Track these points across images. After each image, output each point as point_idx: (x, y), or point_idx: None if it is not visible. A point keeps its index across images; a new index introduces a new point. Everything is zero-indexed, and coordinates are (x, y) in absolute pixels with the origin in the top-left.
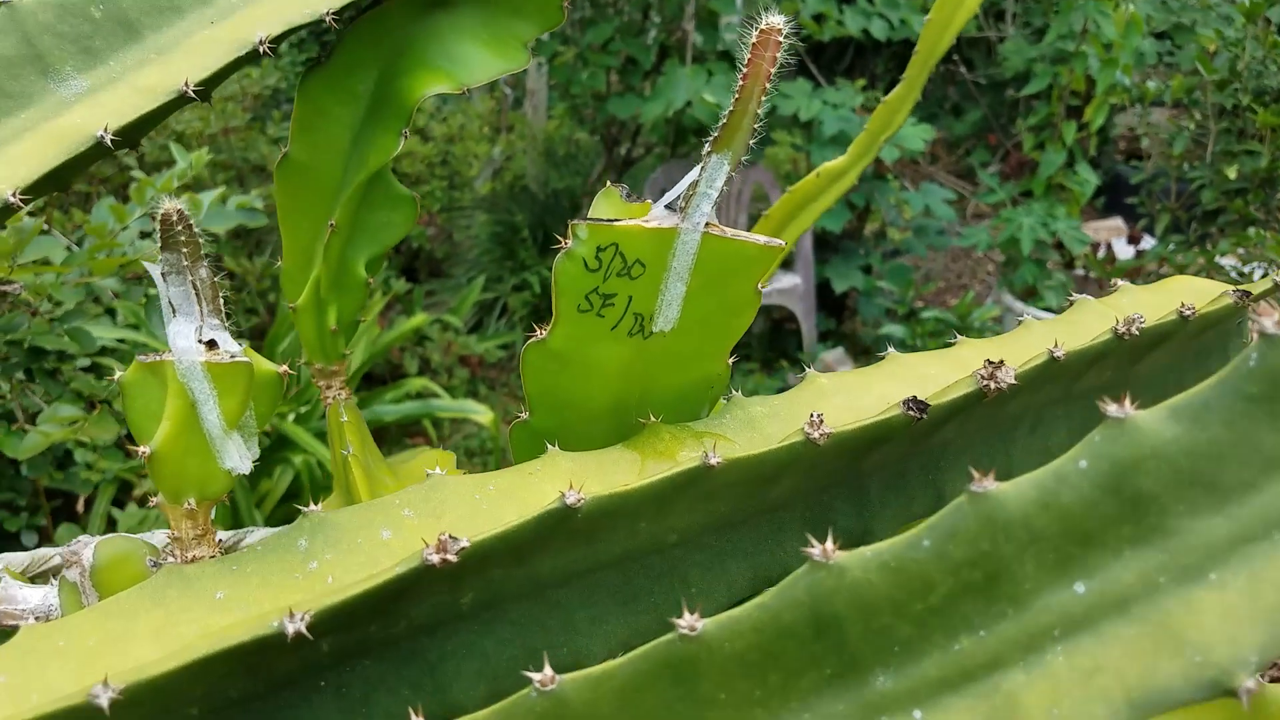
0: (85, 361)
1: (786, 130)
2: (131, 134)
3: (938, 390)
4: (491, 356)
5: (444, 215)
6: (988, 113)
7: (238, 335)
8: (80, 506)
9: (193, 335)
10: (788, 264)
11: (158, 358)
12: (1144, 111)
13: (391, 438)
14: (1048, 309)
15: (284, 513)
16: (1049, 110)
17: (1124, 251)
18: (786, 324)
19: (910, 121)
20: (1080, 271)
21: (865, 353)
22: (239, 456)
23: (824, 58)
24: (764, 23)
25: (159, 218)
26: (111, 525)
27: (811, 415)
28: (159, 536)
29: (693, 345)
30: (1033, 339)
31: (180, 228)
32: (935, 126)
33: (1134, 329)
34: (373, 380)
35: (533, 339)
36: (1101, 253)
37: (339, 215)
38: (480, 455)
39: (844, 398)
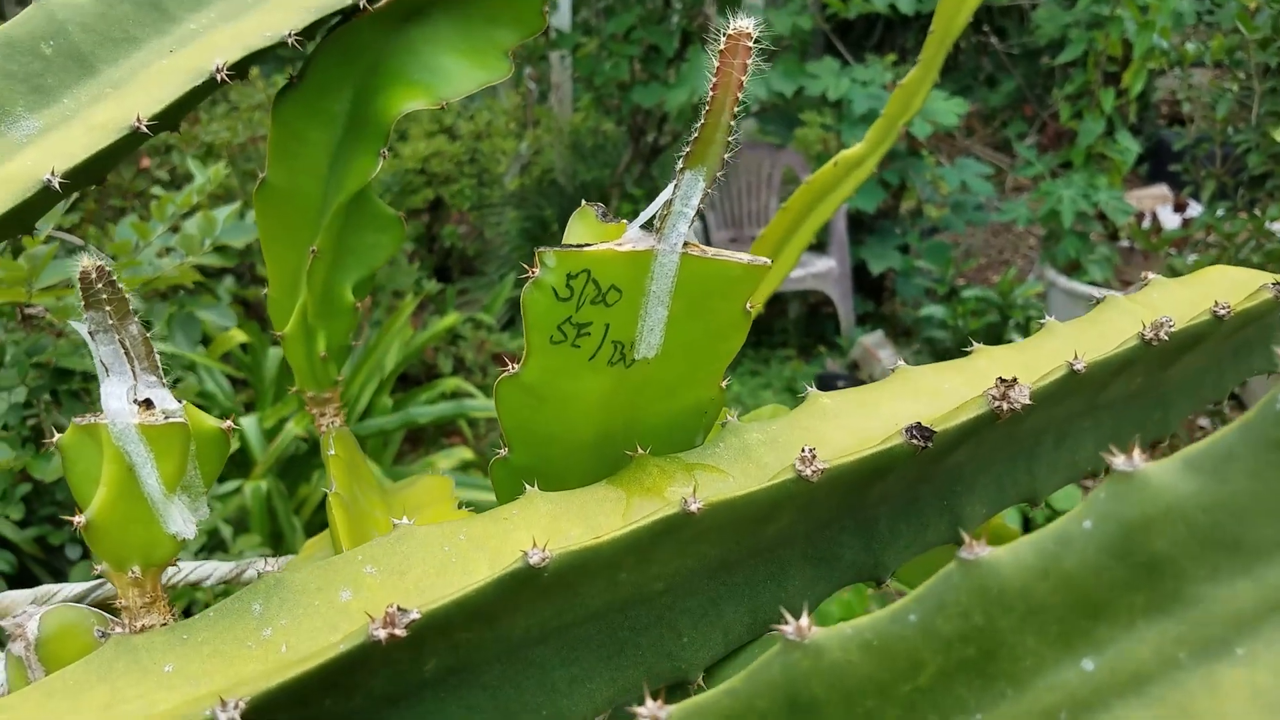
0: None
1: (816, 110)
2: (85, 174)
3: (950, 410)
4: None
5: (474, 213)
6: (1022, 83)
7: (273, 343)
8: None
9: (125, 396)
10: (821, 247)
11: (92, 419)
12: (1184, 74)
13: (429, 438)
14: (1092, 283)
15: (323, 518)
16: (1086, 78)
17: (1170, 220)
18: (823, 308)
19: (943, 95)
20: (1125, 243)
21: (906, 334)
22: (183, 520)
23: (852, 35)
24: (731, 26)
25: (78, 276)
26: None
27: (803, 450)
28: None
29: (680, 371)
30: (1055, 344)
31: (100, 285)
32: (969, 99)
33: (1162, 333)
34: (408, 381)
35: (504, 373)
36: (1146, 222)
37: (321, 240)
38: None
39: (848, 419)
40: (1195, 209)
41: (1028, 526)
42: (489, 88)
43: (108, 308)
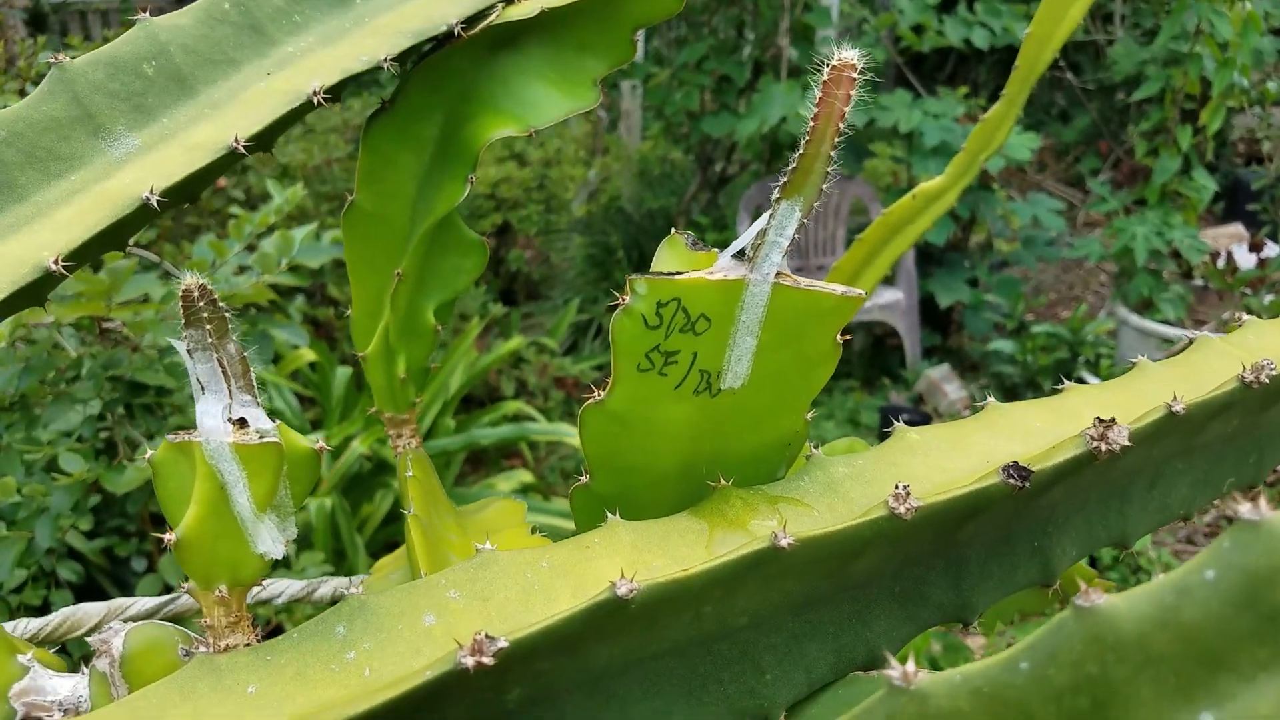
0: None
1: (886, 142)
2: (181, 192)
3: (1042, 450)
4: (586, 378)
5: (541, 238)
6: (1097, 118)
7: (341, 362)
8: None
9: (220, 414)
10: (889, 278)
11: (186, 437)
12: (1264, 114)
13: (489, 459)
14: (1165, 321)
15: (385, 535)
16: (1162, 114)
17: (1245, 260)
18: (889, 340)
19: (1016, 130)
20: (1199, 282)
21: (973, 369)
22: (272, 540)
23: (924, 67)
24: (836, 57)
25: (180, 294)
26: None
27: (897, 486)
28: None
29: (766, 402)
30: (1148, 385)
31: (202, 303)
32: (1042, 134)
33: (1263, 376)
34: (471, 403)
35: (590, 400)
36: (1221, 262)
37: (406, 263)
38: (575, 476)
39: (937, 456)
40: (1272, 249)
41: (1093, 563)
42: None
43: (208, 326)
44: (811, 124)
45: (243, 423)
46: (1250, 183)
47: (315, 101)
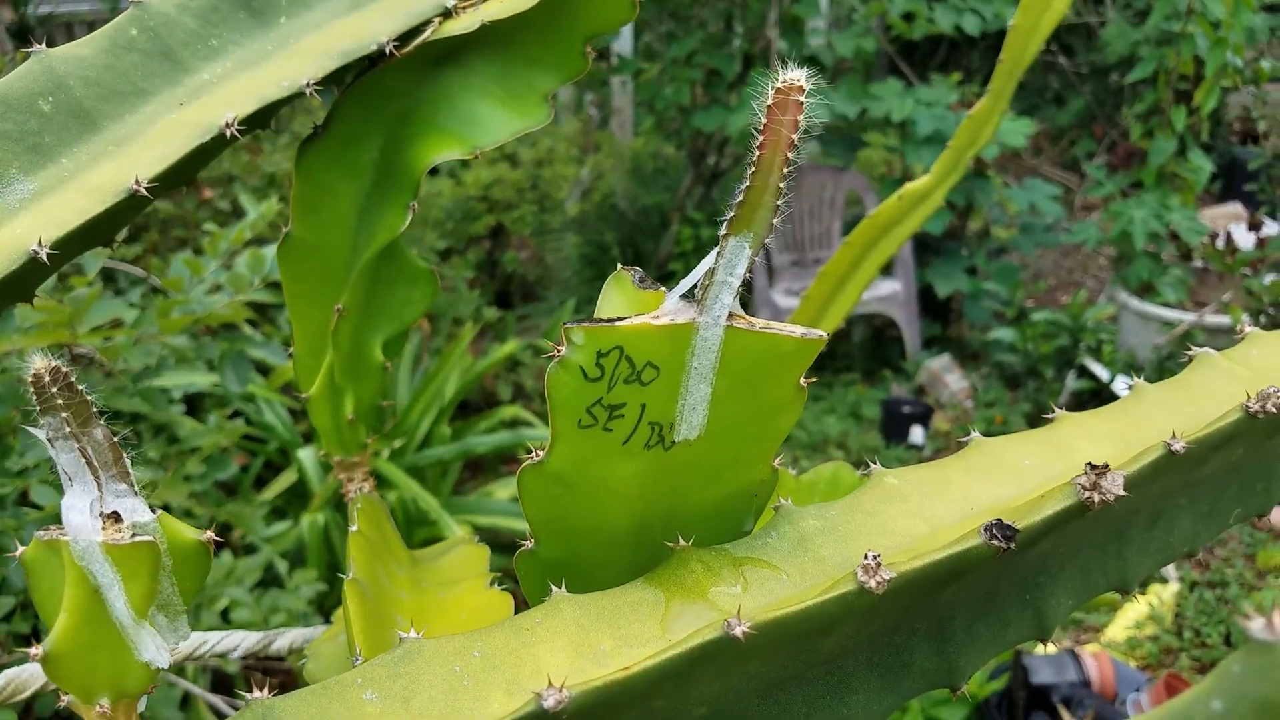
0: (181, 408)
1: (880, 131)
2: (80, 241)
3: (1031, 497)
4: None
5: (535, 239)
6: (1091, 101)
7: None
8: None
9: (88, 509)
10: (887, 269)
11: (56, 534)
12: (1259, 92)
13: (487, 465)
14: (1165, 304)
15: None
16: (1156, 96)
17: (1244, 240)
18: (888, 331)
19: (1010, 115)
20: (1198, 263)
21: (974, 358)
22: (156, 648)
23: (916, 55)
24: (781, 78)
25: (29, 380)
26: None
27: (866, 557)
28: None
29: (725, 453)
30: (1144, 410)
31: (55, 389)
32: (1036, 118)
33: (1270, 405)
34: (467, 409)
35: (528, 461)
36: (1220, 242)
37: (347, 297)
38: None
39: (917, 502)
40: (1271, 227)
41: None
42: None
43: (64, 414)
44: (758, 153)
45: (116, 517)
46: (1247, 162)
47: (229, 134)
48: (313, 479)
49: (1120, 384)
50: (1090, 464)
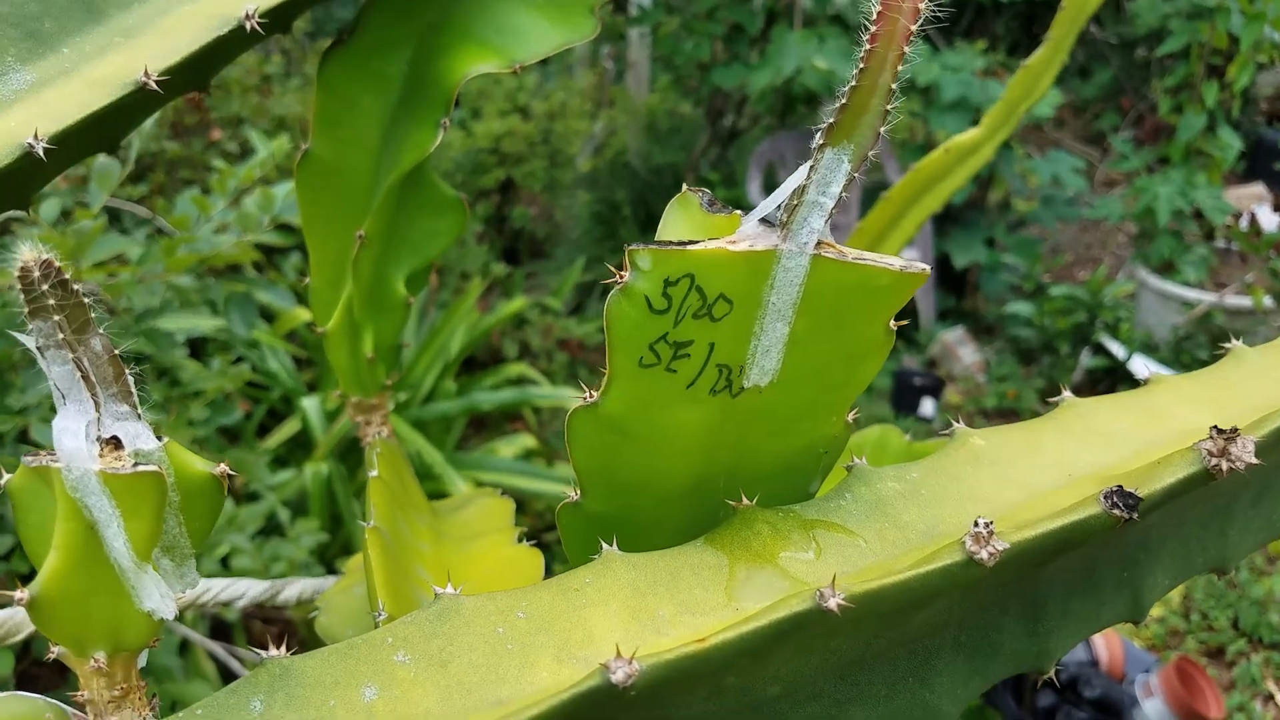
0: (184, 351)
1: (903, 95)
2: (82, 138)
3: (1130, 460)
4: (592, 340)
5: (545, 195)
6: (1119, 74)
7: None
8: None
9: (84, 432)
10: None
11: (46, 460)
12: None
13: (492, 423)
14: (1186, 284)
15: None
16: (1188, 70)
17: (1269, 221)
18: None
19: None
20: (1221, 243)
21: (988, 331)
22: (159, 595)
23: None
24: None
25: (16, 275)
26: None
27: (977, 522)
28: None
29: (799, 402)
30: (1243, 374)
31: (47, 286)
32: (1061, 89)
33: None
34: (473, 365)
35: (580, 403)
36: (1244, 223)
37: (369, 224)
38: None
39: (1007, 466)
40: None
41: None
42: (565, 66)
43: (57, 317)
44: (867, 48)
45: (116, 443)
46: (1274, 141)
47: (250, 28)
48: (316, 428)
49: (1137, 363)
50: (1216, 427)
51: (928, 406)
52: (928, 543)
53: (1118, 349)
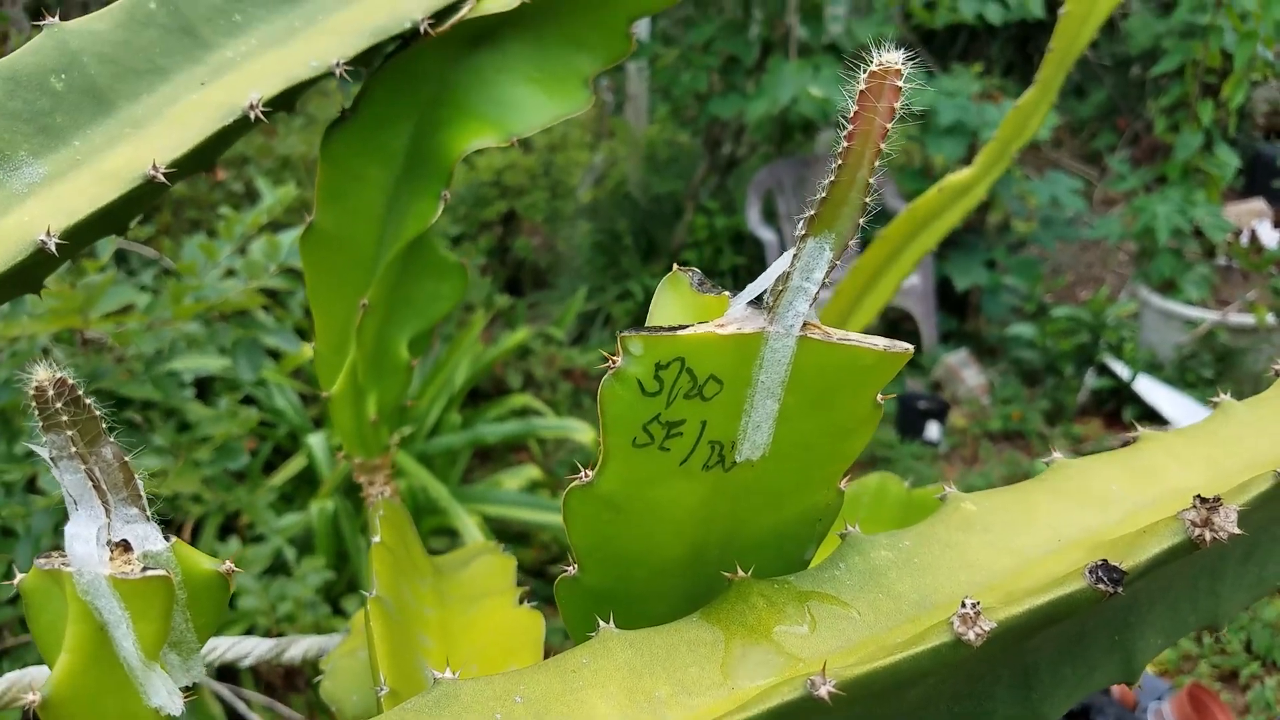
0: (191, 391)
1: (899, 120)
2: (91, 230)
3: (1122, 525)
4: (594, 369)
5: (547, 225)
6: (1114, 93)
7: None
8: (187, 535)
9: (95, 538)
10: None
11: (58, 564)
12: None
13: (497, 454)
14: (1188, 302)
15: None
16: (1183, 89)
17: (1269, 237)
18: (904, 324)
19: None
20: (1222, 261)
21: (991, 353)
22: (167, 692)
23: (935, 44)
24: (876, 60)
25: (31, 394)
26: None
27: (964, 603)
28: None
29: (791, 475)
30: (1234, 430)
31: (60, 403)
32: (1057, 110)
33: None
34: (477, 396)
35: (576, 482)
36: (1245, 239)
37: (373, 292)
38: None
39: (999, 533)
40: None
41: None
42: None
43: (69, 432)
44: (845, 144)
45: (125, 546)
46: (1271, 157)
47: (253, 117)
48: (322, 465)
49: (1143, 383)
50: (1199, 497)
51: (933, 430)
52: (921, 614)
53: (1122, 369)
